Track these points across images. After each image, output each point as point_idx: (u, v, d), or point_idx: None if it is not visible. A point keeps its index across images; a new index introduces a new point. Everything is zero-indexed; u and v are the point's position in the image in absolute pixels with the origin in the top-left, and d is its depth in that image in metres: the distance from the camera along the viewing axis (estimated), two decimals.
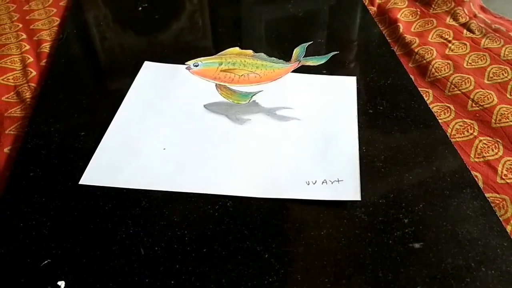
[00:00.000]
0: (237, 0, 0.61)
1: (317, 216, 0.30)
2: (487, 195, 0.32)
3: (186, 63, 0.44)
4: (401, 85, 0.43)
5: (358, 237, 0.29)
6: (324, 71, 0.44)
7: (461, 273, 0.27)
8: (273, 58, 0.45)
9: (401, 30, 0.52)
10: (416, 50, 0.48)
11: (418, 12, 0.56)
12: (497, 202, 0.32)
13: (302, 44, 0.48)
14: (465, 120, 0.39)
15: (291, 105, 0.40)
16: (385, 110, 0.39)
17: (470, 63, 0.46)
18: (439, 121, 0.39)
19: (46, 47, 0.50)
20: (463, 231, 0.29)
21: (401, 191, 0.32)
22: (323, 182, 0.32)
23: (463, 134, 0.38)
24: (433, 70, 0.45)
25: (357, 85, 0.42)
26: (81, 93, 0.42)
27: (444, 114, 0.40)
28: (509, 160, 0.35)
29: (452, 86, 0.43)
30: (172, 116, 0.39)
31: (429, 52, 0.48)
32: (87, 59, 0.49)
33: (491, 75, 0.44)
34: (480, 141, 0.37)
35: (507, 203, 0.32)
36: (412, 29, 0.53)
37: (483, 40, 0.49)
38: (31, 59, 0.48)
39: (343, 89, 0.42)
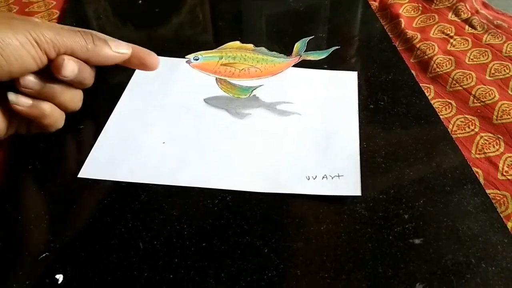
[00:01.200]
0: None
1: (317, 211, 0.30)
2: (488, 191, 0.32)
3: (186, 56, 0.44)
4: (403, 80, 0.42)
5: (358, 233, 0.29)
6: (325, 66, 0.44)
7: (461, 269, 0.27)
8: (273, 53, 0.45)
9: (402, 26, 0.51)
10: (417, 45, 0.48)
11: (420, 8, 0.55)
12: (498, 198, 0.32)
13: (303, 39, 0.47)
14: (467, 116, 0.39)
15: (291, 100, 0.40)
16: (386, 105, 0.39)
17: (471, 59, 0.45)
18: (440, 117, 0.38)
19: None
20: (463, 227, 0.29)
21: (401, 187, 0.32)
22: (323, 177, 0.32)
23: (464, 130, 0.38)
24: (434, 65, 0.45)
25: (358, 80, 0.42)
26: None
27: (446, 110, 0.40)
28: (510, 157, 0.35)
29: (454, 82, 0.42)
30: (172, 110, 0.39)
31: (430, 48, 0.47)
32: None
33: (492, 71, 0.43)
34: (481, 137, 0.37)
35: (507, 200, 0.32)
36: (413, 25, 0.53)
37: (485, 36, 0.49)
38: None
39: (344, 84, 0.42)
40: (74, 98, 0.33)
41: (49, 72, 0.30)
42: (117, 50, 0.33)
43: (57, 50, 0.30)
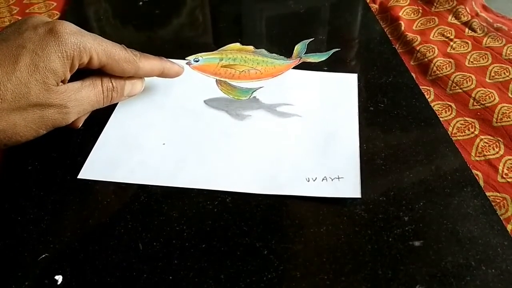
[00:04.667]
0: None
1: (317, 213, 0.30)
2: (487, 194, 0.32)
3: (186, 58, 0.44)
4: (402, 83, 0.42)
5: (357, 235, 0.29)
6: (325, 68, 0.44)
7: (461, 271, 0.27)
8: (274, 54, 0.45)
9: (402, 28, 0.52)
10: (417, 48, 0.48)
11: (420, 10, 0.56)
12: (498, 201, 0.32)
13: (303, 41, 0.48)
14: (466, 118, 0.39)
15: (291, 102, 0.40)
16: (386, 107, 0.39)
17: (471, 62, 0.45)
18: (440, 119, 0.38)
19: None
20: (463, 229, 0.29)
21: (401, 189, 0.32)
22: (323, 179, 0.32)
23: (464, 132, 0.38)
24: (434, 68, 0.45)
25: (358, 82, 0.42)
26: None
27: (445, 112, 0.40)
28: (510, 159, 0.35)
29: (454, 84, 0.43)
30: (172, 111, 0.39)
31: (430, 50, 0.47)
32: None
33: (492, 74, 0.44)
34: (481, 139, 0.37)
35: (507, 202, 0.32)
36: (414, 27, 0.53)
37: (485, 39, 0.49)
38: None
39: (344, 86, 0.42)
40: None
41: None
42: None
43: (88, 55, 0.31)
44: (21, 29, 0.30)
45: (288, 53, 0.45)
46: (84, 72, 0.32)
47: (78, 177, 0.32)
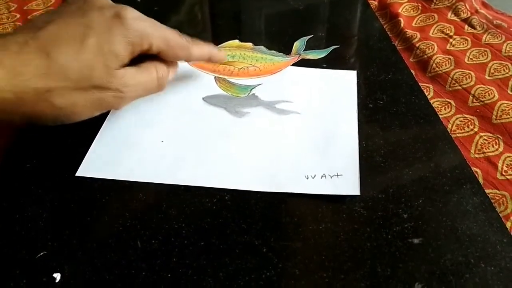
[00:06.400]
0: None
1: (316, 211, 0.30)
2: (487, 191, 0.32)
3: None
4: (402, 80, 0.42)
5: (357, 232, 0.29)
6: (324, 65, 0.44)
7: (460, 269, 0.27)
8: (273, 51, 0.45)
9: (402, 25, 0.51)
10: (417, 45, 0.48)
11: (420, 7, 0.55)
12: (497, 198, 0.32)
13: (302, 38, 0.47)
14: (466, 115, 0.39)
15: (290, 99, 0.39)
16: (385, 104, 0.39)
17: (471, 59, 0.45)
18: (440, 116, 0.38)
19: None
20: (462, 227, 0.29)
21: (400, 186, 0.32)
22: (322, 177, 0.32)
23: (464, 129, 0.37)
24: (434, 65, 0.45)
25: (357, 79, 0.42)
26: None
27: (445, 109, 0.40)
28: (509, 156, 0.35)
29: (453, 81, 0.42)
30: (170, 108, 0.38)
31: (430, 47, 0.47)
32: None
33: (492, 71, 0.43)
34: (481, 137, 0.37)
35: (507, 199, 0.32)
36: (413, 24, 0.52)
37: (485, 35, 0.49)
38: None
39: (343, 83, 0.41)
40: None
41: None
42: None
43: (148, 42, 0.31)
44: (84, 8, 0.30)
45: (287, 50, 0.45)
46: (137, 57, 0.32)
47: (77, 174, 0.32)
